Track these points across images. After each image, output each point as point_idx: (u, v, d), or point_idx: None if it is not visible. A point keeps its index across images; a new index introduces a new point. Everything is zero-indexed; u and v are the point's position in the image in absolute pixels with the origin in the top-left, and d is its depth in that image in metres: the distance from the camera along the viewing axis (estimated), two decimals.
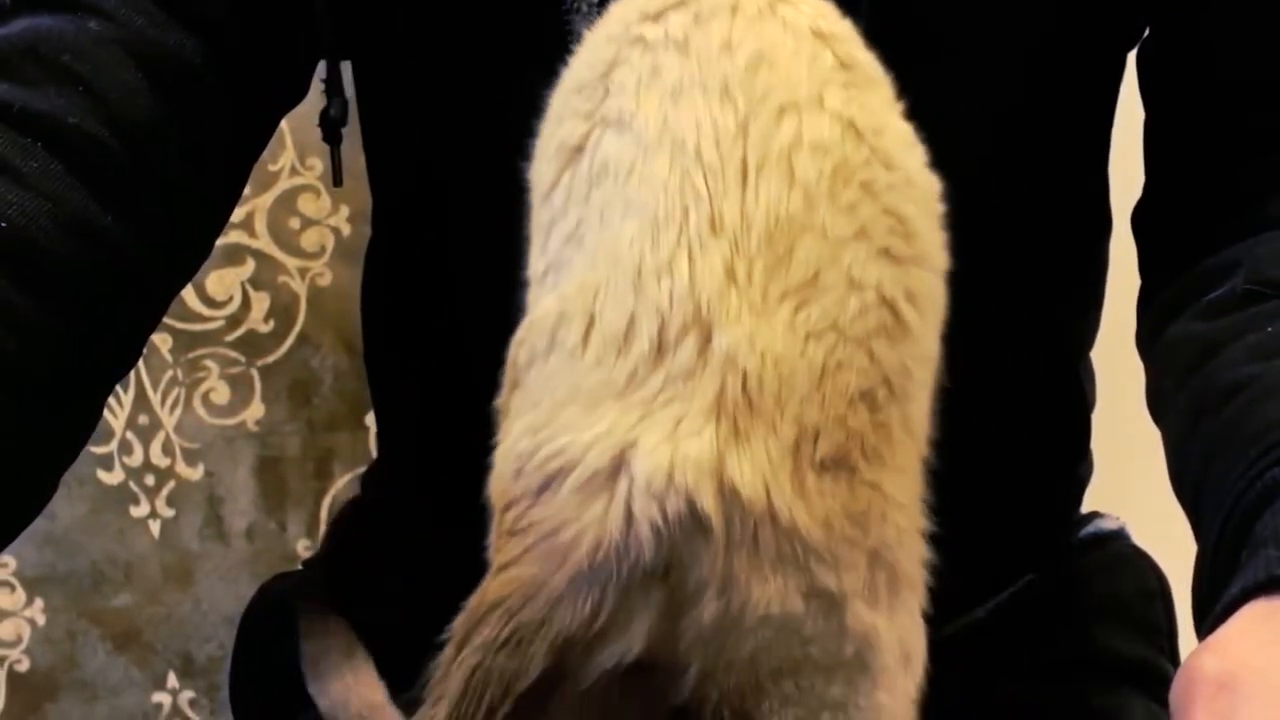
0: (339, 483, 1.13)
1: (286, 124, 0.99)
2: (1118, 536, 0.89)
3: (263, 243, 1.10)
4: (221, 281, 1.10)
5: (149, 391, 1.10)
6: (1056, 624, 0.84)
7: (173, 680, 1.12)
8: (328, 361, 1.11)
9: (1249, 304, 0.70)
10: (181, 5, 0.69)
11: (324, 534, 1.08)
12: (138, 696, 1.13)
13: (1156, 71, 0.79)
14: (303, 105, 0.79)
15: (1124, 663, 0.84)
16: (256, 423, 1.11)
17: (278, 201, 1.10)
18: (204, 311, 1.10)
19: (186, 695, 1.13)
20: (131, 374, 1.09)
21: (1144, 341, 0.79)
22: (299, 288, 1.11)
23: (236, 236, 1.09)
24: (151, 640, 1.12)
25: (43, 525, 1.07)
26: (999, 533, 0.79)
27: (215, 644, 1.12)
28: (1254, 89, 0.75)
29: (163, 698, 1.13)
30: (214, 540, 1.12)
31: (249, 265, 1.10)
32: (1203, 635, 0.58)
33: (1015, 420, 0.80)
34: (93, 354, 0.67)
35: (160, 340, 1.09)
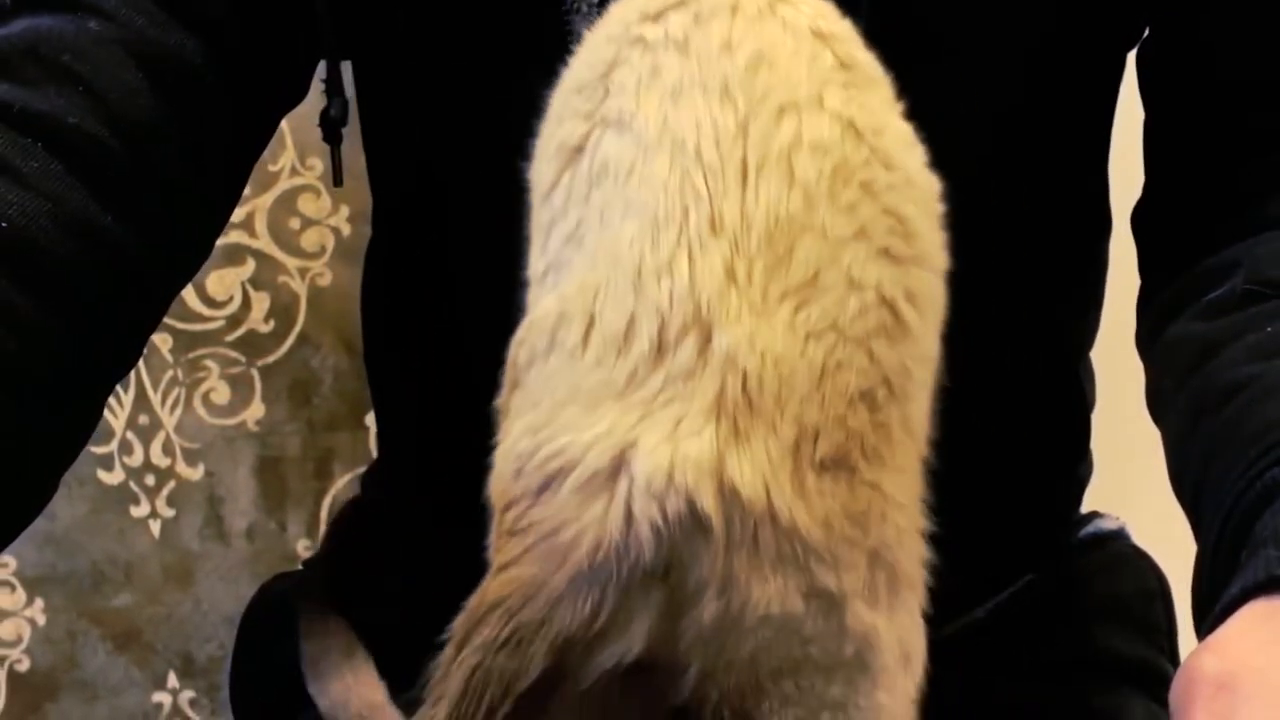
0: (339, 483, 1.13)
1: (287, 124, 0.99)
2: (1117, 536, 0.89)
3: (263, 243, 1.10)
4: (222, 281, 1.10)
5: (149, 391, 1.10)
6: (1056, 624, 0.84)
7: (173, 680, 1.12)
8: (328, 361, 1.11)
9: (1249, 304, 0.70)
10: (182, 5, 0.69)
11: (324, 534, 1.08)
12: (138, 696, 1.13)
13: (1156, 71, 0.79)
14: (303, 105, 0.79)
15: (1124, 663, 0.84)
16: (257, 423, 1.11)
17: (278, 201, 1.10)
18: (204, 311, 1.10)
19: (187, 695, 1.13)
20: (132, 374, 1.09)
21: (1144, 341, 0.79)
22: (299, 288, 1.11)
23: (237, 236, 1.09)
24: (152, 640, 1.12)
25: (43, 525, 1.07)
26: (999, 533, 0.79)
27: (215, 644, 1.12)
28: (1254, 89, 0.75)
29: (163, 697, 1.13)
30: (214, 540, 1.12)
31: (249, 265, 1.10)
32: (1202, 635, 0.58)
33: (1015, 420, 0.80)
34: (93, 354, 0.67)
35: (160, 340, 1.09)
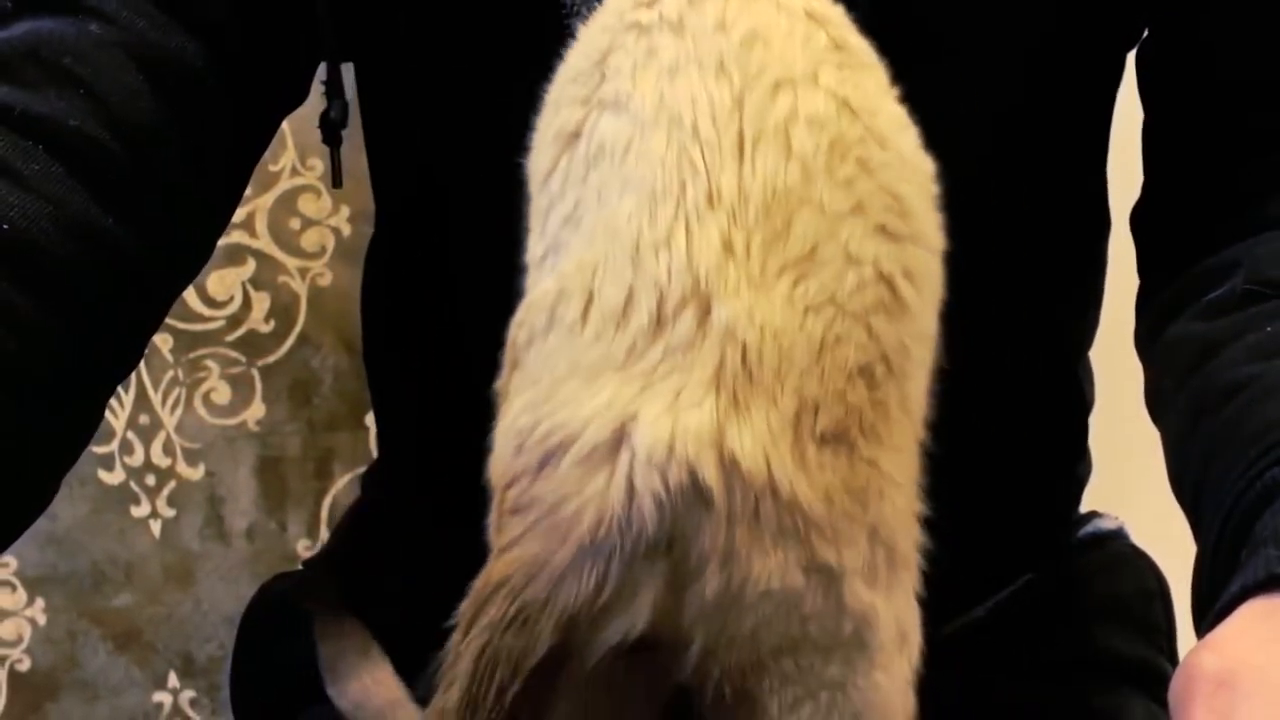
0: (339, 483, 1.13)
1: (287, 125, 0.99)
2: (1117, 536, 0.89)
3: (263, 243, 1.10)
4: (222, 281, 1.09)
5: (150, 391, 1.10)
6: (1056, 624, 0.84)
7: (173, 680, 1.12)
8: (328, 361, 1.11)
9: (1249, 304, 0.70)
10: (183, 8, 0.69)
11: (329, 536, 1.08)
12: (138, 696, 1.13)
13: (1156, 72, 0.79)
14: (304, 106, 0.79)
15: (1123, 662, 0.84)
16: (257, 423, 1.11)
17: (278, 202, 1.10)
18: (205, 311, 1.10)
19: (187, 695, 1.13)
20: (132, 374, 1.08)
21: (1143, 341, 0.79)
22: (299, 288, 1.10)
23: (237, 237, 1.09)
24: (152, 640, 1.12)
25: (44, 525, 1.07)
26: (998, 532, 0.79)
27: (215, 644, 1.12)
28: (1254, 89, 0.75)
29: (163, 697, 1.13)
30: (214, 540, 1.12)
31: (250, 265, 1.10)
32: (1202, 634, 0.58)
33: (1014, 418, 0.80)
34: (93, 355, 0.67)
35: (161, 340, 1.09)
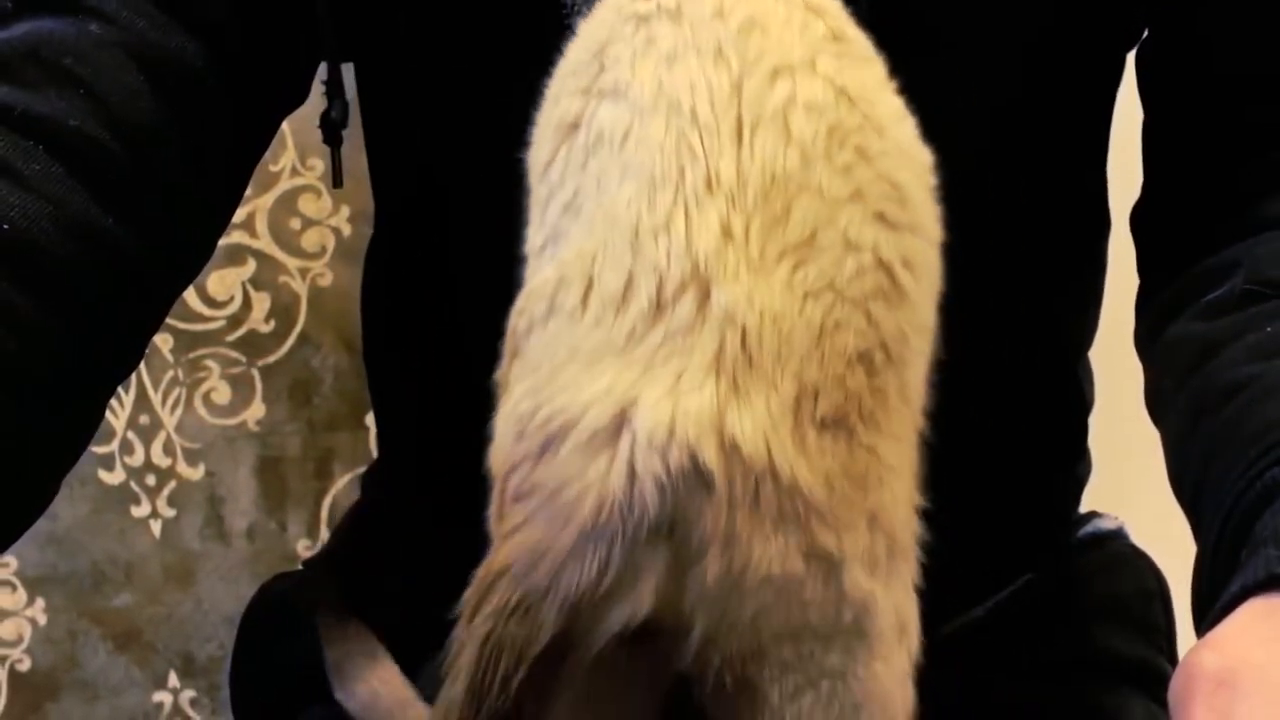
0: (339, 483, 1.13)
1: (288, 125, 0.99)
2: (1116, 536, 0.89)
3: (263, 243, 1.10)
4: (222, 281, 1.09)
5: (150, 391, 1.10)
6: (1055, 623, 0.84)
7: (173, 680, 1.13)
8: (328, 361, 1.11)
9: (1249, 304, 0.70)
10: (183, 8, 0.69)
11: (329, 536, 1.08)
12: (138, 696, 1.13)
13: (1155, 70, 0.79)
14: (304, 106, 0.79)
15: (1123, 662, 0.84)
16: (257, 423, 1.11)
17: (279, 202, 1.10)
18: (205, 311, 1.10)
19: (187, 695, 1.13)
20: (132, 374, 1.09)
21: (1143, 341, 0.79)
22: (299, 288, 1.11)
23: (238, 237, 1.09)
24: (152, 640, 1.12)
25: (44, 525, 1.07)
26: (998, 531, 0.79)
27: (216, 644, 1.12)
28: (1251, 82, 0.75)
29: (163, 697, 1.13)
30: (214, 540, 1.12)
31: (250, 265, 1.10)
32: (1202, 634, 0.58)
33: (1013, 417, 0.80)
34: (93, 355, 0.67)
35: (161, 340, 1.09)
